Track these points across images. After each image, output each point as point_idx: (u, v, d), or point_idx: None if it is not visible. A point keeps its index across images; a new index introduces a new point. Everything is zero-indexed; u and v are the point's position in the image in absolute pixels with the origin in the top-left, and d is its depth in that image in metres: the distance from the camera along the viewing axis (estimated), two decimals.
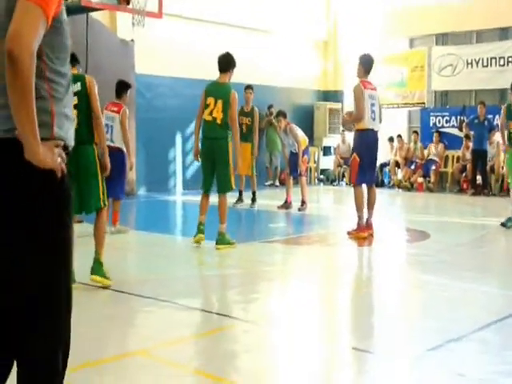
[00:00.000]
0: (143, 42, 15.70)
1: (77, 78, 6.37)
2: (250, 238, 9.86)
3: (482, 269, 7.95)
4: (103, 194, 6.49)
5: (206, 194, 9.07)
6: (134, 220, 11.64)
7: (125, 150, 9.74)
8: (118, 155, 9.32)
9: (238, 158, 9.02)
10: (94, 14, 14.84)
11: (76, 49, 16.69)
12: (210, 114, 8.79)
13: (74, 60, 6.62)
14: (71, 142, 2.81)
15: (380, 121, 10.24)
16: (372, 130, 9.96)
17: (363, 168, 9.90)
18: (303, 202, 13.18)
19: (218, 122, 8.74)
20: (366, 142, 9.96)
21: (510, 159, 11.27)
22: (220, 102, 8.74)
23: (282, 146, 13.85)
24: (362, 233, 9.82)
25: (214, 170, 8.88)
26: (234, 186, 9.06)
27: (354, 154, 10.03)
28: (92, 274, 6.45)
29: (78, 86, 6.36)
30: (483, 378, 4.26)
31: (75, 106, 6.28)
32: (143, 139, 16.05)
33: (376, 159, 10.38)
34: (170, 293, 6.35)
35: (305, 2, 20.84)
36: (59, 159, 2.64)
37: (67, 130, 2.78)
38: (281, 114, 13.48)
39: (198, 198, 15.20)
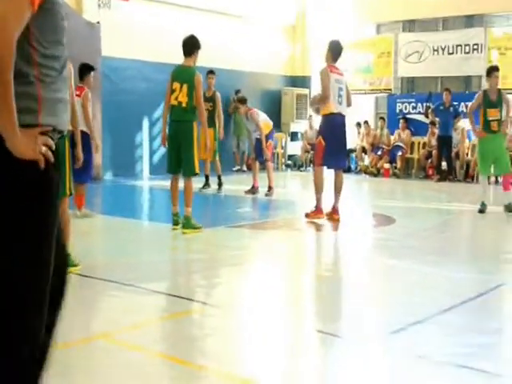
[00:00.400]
0: (109, 24, 15.55)
1: None
2: (217, 223, 9.84)
3: (446, 253, 8.03)
4: (69, 182, 6.44)
5: (175, 178, 9.06)
6: (100, 204, 11.55)
7: (87, 131, 9.66)
8: (82, 138, 9.24)
9: (201, 143, 9.05)
10: None
11: None
12: (176, 98, 8.82)
13: None
14: (64, 127, 2.71)
15: (349, 105, 10.27)
16: (339, 113, 9.99)
17: (328, 152, 9.92)
18: (270, 188, 13.22)
19: (184, 105, 8.78)
20: (332, 125, 9.98)
21: (481, 146, 11.33)
22: (185, 86, 8.76)
23: (247, 131, 13.80)
24: (320, 215, 9.90)
25: (179, 153, 8.88)
26: (198, 171, 9.04)
27: (320, 138, 10.07)
28: None
29: None
30: (444, 360, 4.31)
31: None
32: (109, 123, 15.91)
33: (344, 144, 10.44)
34: (136, 277, 6.31)
35: None
36: (43, 148, 2.54)
37: (60, 115, 2.68)
38: (239, 101, 13.42)
39: (165, 183, 15.23)
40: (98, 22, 15.52)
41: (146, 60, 17.01)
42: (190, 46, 8.93)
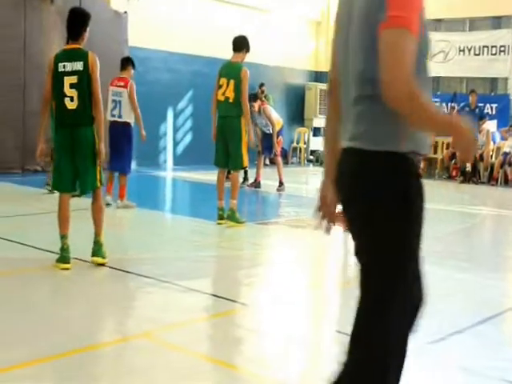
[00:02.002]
0: (137, 14, 15.56)
1: (79, 55, 6.28)
2: (247, 219, 9.72)
3: (476, 259, 8.01)
4: (100, 174, 6.45)
5: (221, 171, 9.21)
6: (130, 196, 11.55)
7: (132, 123, 9.85)
8: (125, 129, 9.52)
9: (249, 135, 9.21)
10: None
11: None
12: (223, 93, 8.92)
13: (74, 34, 6.40)
14: (426, 150, 2.65)
15: None
16: None
17: None
18: (281, 183, 13.25)
19: (231, 100, 8.88)
20: None
21: None
22: (232, 82, 8.87)
23: (253, 125, 13.73)
24: None
25: (227, 148, 9.00)
26: (246, 164, 9.24)
27: None
28: (93, 255, 6.41)
29: (79, 65, 6.24)
30: (487, 373, 4.30)
31: (73, 85, 6.22)
32: None
33: None
34: (170, 273, 6.34)
35: None
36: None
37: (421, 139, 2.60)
38: (252, 99, 13.37)
39: (189, 175, 15.34)
40: (126, 12, 15.53)
41: (172, 51, 17.02)
42: (241, 43, 9.13)
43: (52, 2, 14.24)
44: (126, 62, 10.37)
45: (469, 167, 17.01)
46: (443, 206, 12.99)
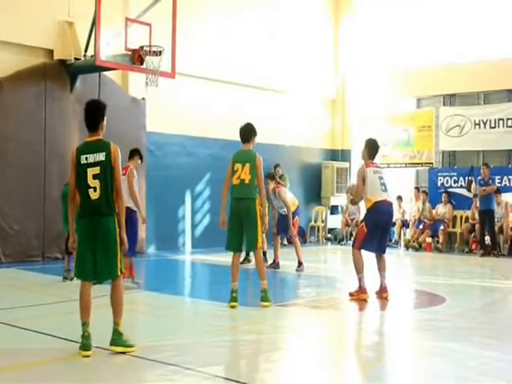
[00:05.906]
0: (154, 100, 15.84)
1: (100, 147, 6.41)
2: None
3: (502, 335, 7.85)
4: (120, 263, 6.48)
5: (236, 255, 9.28)
6: (144, 279, 11.52)
7: (133, 207, 10.02)
8: (127, 215, 9.48)
9: (264, 218, 9.25)
10: (106, 73, 15.03)
11: None
12: (238, 177, 9.10)
13: (93, 126, 6.54)
14: None
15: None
16: (385, 200, 9.96)
17: (369, 238, 9.88)
18: (300, 263, 13.25)
19: (246, 182, 9.06)
20: (378, 214, 9.90)
21: None
22: (247, 166, 9.07)
23: (270, 206, 13.81)
24: (363, 294, 9.85)
25: (241, 230, 9.09)
26: (261, 245, 9.26)
27: (363, 224, 10.03)
28: (112, 345, 6.36)
29: (101, 156, 6.36)
30: None
31: (96, 176, 6.32)
32: (153, 197, 16.06)
33: (388, 229, 10.50)
34: (193, 360, 6.25)
35: (313, 62, 21.11)
36: None
37: None
38: (268, 177, 13.49)
39: (207, 257, 15.32)
40: (143, 99, 15.83)
41: (189, 135, 17.29)
42: (249, 133, 9.34)
43: (71, 91, 14.57)
44: (133, 153, 10.75)
45: (488, 240, 16.93)
46: (464, 280, 12.88)
